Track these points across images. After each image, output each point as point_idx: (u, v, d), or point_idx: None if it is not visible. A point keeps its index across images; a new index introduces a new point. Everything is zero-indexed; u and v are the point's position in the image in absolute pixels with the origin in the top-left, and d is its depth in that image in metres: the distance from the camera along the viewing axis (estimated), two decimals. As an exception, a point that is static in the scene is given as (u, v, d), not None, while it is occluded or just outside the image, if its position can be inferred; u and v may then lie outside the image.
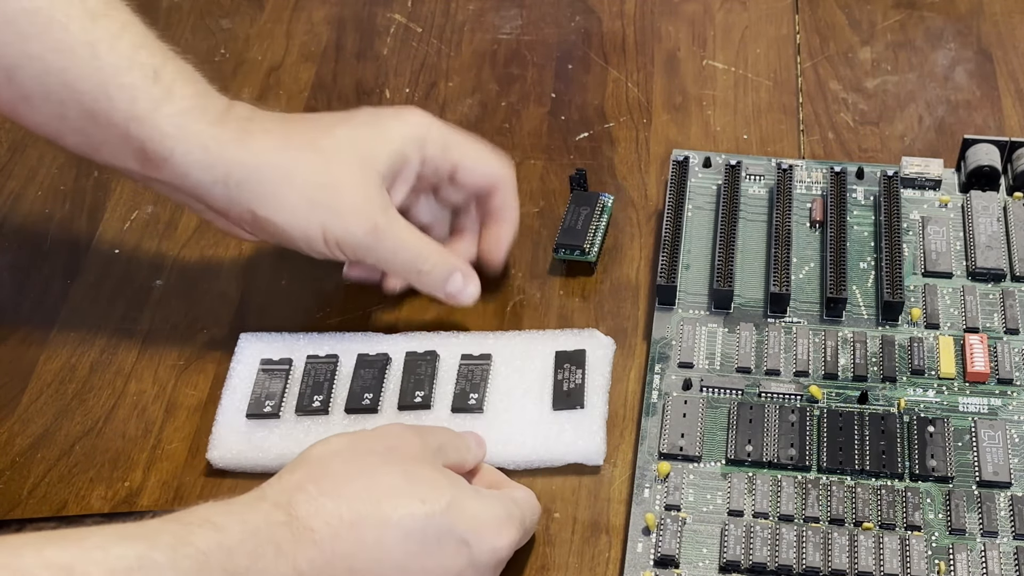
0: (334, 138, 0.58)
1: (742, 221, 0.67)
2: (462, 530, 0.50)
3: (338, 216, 0.58)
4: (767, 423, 0.59)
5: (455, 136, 0.62)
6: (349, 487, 0.49)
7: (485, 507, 0.51)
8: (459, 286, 0.61)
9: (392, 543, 0.48)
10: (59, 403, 0.63)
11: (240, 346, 0.64)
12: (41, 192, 0.73)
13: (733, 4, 0.83)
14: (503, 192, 0.63)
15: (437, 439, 0.54)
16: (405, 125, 0.60)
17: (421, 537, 0.49)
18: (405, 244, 0.60)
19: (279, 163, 0.57)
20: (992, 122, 0.75)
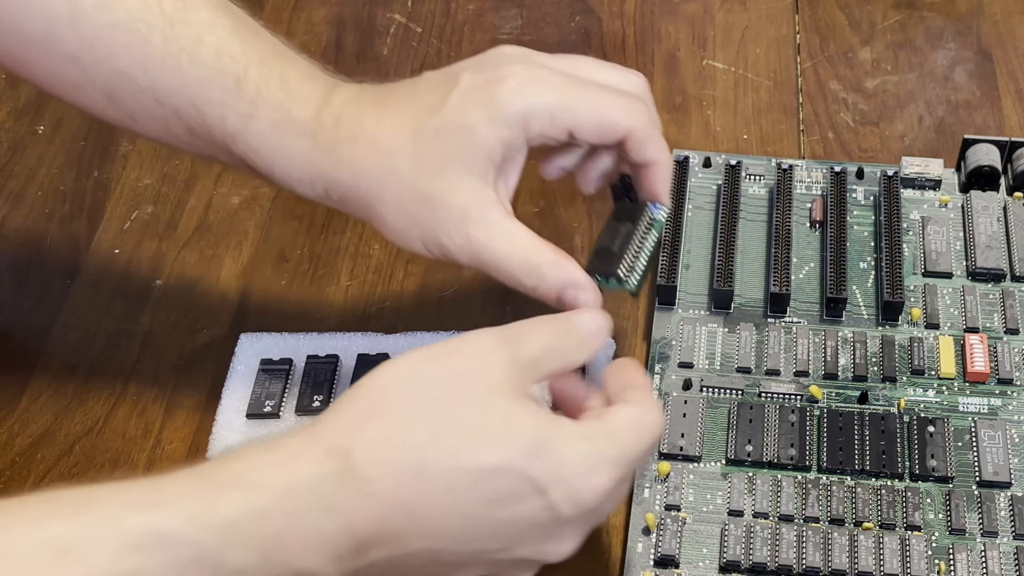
0: (423, 140, 0.52)
1: (742, 221, 0.67)
2: (541, 478, 0.43)
3: (433, 232, 0.52)
4: (767, 423, 0.59)
5: (564, 92, 0.52)
6: (413, 426, 0.43)
7: (570, 448, 0.44)
8: (572, 300, 0.52)
9: (460, 493, 0.43)
10: (59, 403, 0.63)
11: (240, 346, 0.64)
12: (41, 192, 0.73)
13: (733, 4, 0.83)
14: (635, 139, 0.54)
15: (533, 348, 0.47)
16: (503, 101, 0.51)
17: (492, 486, 0.43)
18: (506, 252, 0.52)
19: (372, 181, 0.52)
20: (992, 122, 0.75)
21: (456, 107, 0.51)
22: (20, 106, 0.78)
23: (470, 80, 0.52)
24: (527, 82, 0.52)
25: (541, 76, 0.52)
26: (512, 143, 0.52)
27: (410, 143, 0.52)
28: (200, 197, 0.73)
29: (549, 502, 0.44)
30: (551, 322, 0.48)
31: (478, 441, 0.43)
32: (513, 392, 0.45)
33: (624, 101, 0.53)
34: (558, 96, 0.52)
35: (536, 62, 0.53)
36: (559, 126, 0.52)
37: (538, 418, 0.45)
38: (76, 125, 0.77)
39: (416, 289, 0.68)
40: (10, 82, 0.80)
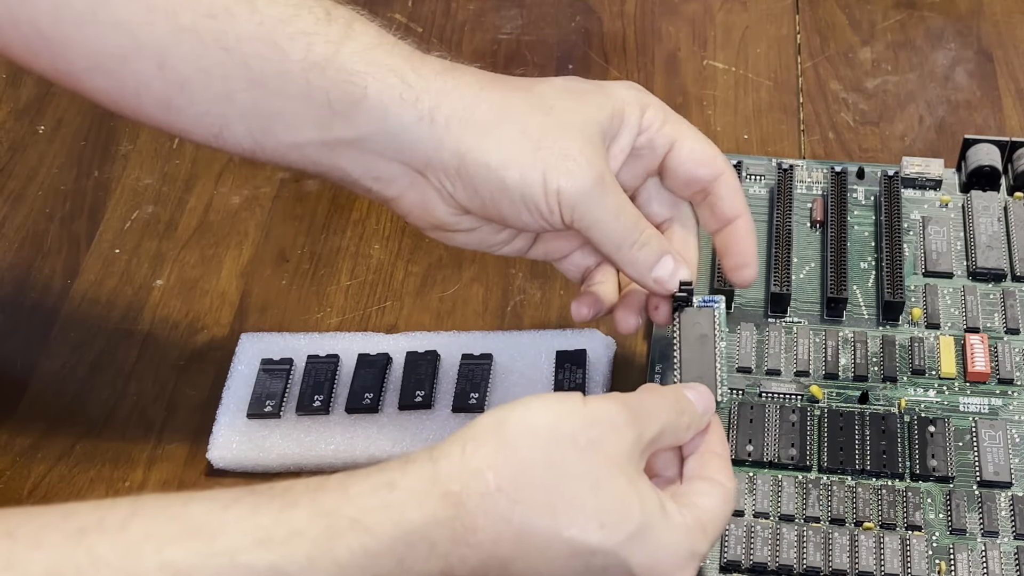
0: (551, 84, 0.50)
1: (742, 221, 0.67)
2: (638, 566, 0.44)
3: (565, 159, 0.48)
4: (768, 423, 0.59)
5: (676, 114, 0.53)
6: (530, 486, 0.42)
7: (671, 542, 0.44)
8: (669, 270, 0.52)
9: (557, 560, 0.43)
10: (59, 403, 0.63)
11: (241, 346, 0.64)
12: (41, 192, 0.73)
13: (733, 4, 0.83)
14: (727, 183, 0.53)
15: (656, 425, 0.46)
16: (625, 89, 0.51)
17: (589, 562, 0.43)
18: (627, 207, 0.50)
19: (495, 98, 0.49)
20: (992, 122, 0.75)
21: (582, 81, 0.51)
22: (20, 106, 0.78)
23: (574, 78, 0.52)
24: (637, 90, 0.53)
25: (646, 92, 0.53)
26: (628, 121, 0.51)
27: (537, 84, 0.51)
28: (200, 197, 0.73)
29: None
30: (669, 400, 0.48)
31: (587, 516, 0.43)
32: (632, 470, 0.44)
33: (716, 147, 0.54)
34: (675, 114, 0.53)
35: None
36: (666, 134, 0.52)
37: (647, 503, 0.44)
38: (76, 125, 0.77)
39: (416, 289, 0.68)
40: (10, 82, 0.80)
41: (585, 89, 0.51)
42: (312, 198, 0.72)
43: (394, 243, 0.70)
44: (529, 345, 0.63)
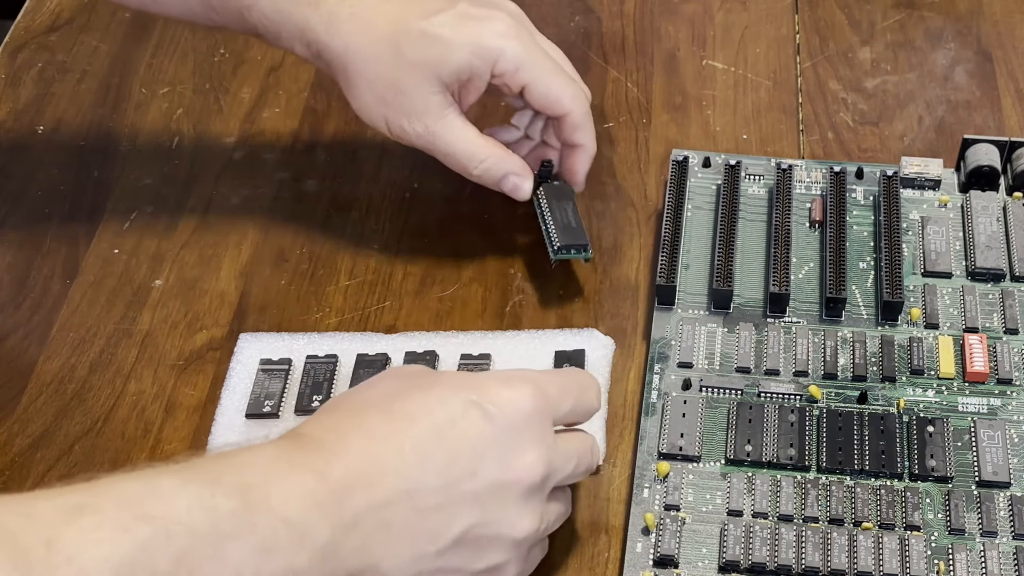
0: (410, 36, 0.61)
1: (742, 221, 0.67)
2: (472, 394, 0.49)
3: (398, 115, 0.62)
4: (766, 423, 0.59)
5: (533, 56, 0.63)
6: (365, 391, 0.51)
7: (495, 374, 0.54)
8: (512, 185, 0.65)
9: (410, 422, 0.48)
10: (59, 403, 0.63)
11: (240, 346, 0.64)
12: (41, 192, 0.73)
13: (733, 4, 0.83)
14: (571, 121, 0.64)
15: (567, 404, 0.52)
16: (483, 35, 0.62)
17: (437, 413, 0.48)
18: (457, 146, 0.63)
19: (358, 57, 0.61)
20: (992, 122, 0.75)
21: (444, 22, 0.61)
22: (20, 106, 0.78)
23: (465, 8, 0.62)
24: (508, 31, 0.62)
25: (520, 33, 0.63)
26: (477, 72, 0.62)
27: (398, 35, 0.61)
28: (200, 197, 0.73)
29: (482, 411, 0.48)
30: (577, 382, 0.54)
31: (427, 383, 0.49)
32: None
33: (575, 88, 0.65)
34: (528, 56, 0.62)
35: (524, 24, 0.64)
36: (518, 79, 0.63)
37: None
38: (76, 125, 0.77)
39: (416, 289, 0.68)
40: (10, 82, 0.80)
41: (443, 41, 0.61)
42: (312, 198, 0.72)
43: (393, 243, 0.70)
44: (528, 345, 0.63)
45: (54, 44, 0.82)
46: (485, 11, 0.62)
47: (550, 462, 0.49)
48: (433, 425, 0.48)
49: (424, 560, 0.47)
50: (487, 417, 0.48)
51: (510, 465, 0.48)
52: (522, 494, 0.49)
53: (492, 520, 0.48)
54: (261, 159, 0.75)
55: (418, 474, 0.47)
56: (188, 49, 0.82)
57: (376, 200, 0.72)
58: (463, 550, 0.48)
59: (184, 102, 0.78)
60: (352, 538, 0.45)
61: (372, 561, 0.46)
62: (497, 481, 0.48)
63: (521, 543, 0.50)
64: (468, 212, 0.71)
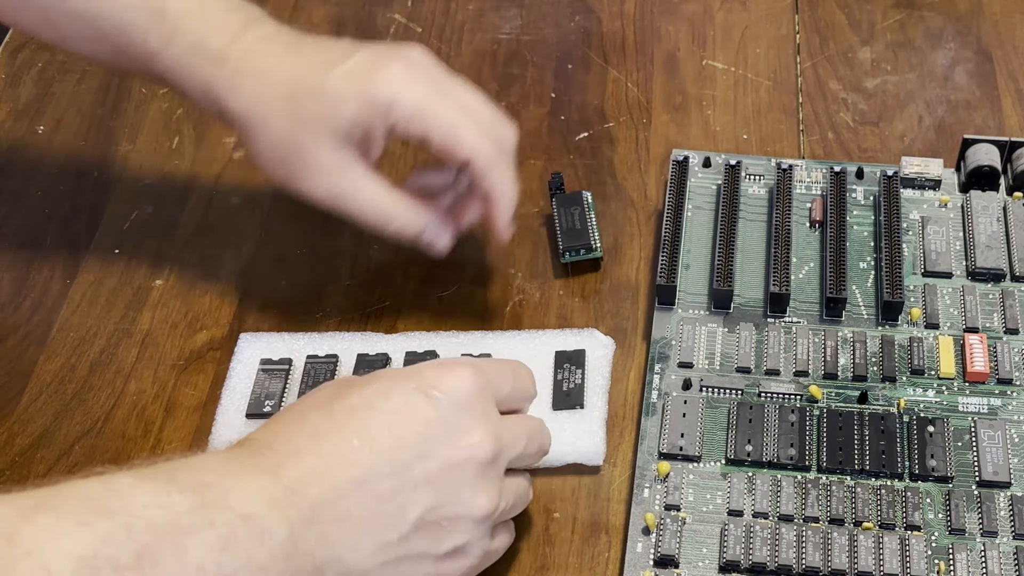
0: (306, 93, 0.58)
1: (742, 221, 0.67)
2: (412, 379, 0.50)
3: (300, 178, 0.59)
4: (767, 423, 0.59)
5: (428, 102, 0.58)
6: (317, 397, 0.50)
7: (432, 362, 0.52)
8: (427, 243, 0.62)
9: (356, 415, 0.48)
10: (59, 403, 0.63)
11: (240, 346, 0.64)
12: (41, 192, 0.73)
13: (733, 4, 0.83)
14: (475, 168, 0.59)
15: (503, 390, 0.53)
16: (374, 85, 0.58)
17: (382, 406, 0.49)
18: (365, 206, 0.60)
19: (257, 116, 0.59)
20: (992, 122, 0.75)
21: (339, 75, 0.58)
22: (20, 106, 0.78)
23: (363, 58, 0.59)
24: (403, 78, 0.58)
25: (418, 79, 0.59)
26: (371, 124, 0.58)
27: (295, 93, 0.58)
28: (200, 197, 0.73)
29: (425, 396, 0.49)
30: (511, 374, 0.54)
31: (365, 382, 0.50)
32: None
33: (476, 130, 0.59)
34: (423, 101, 0.58)
35: (425, 69, 0.60)
36: (415, 128, 0.58)
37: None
38: (76, 125, 0.77)
39: (416, 289, 0.68)
40: (10, 82, 0.80)
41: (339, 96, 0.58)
42: (312, 198, 0.72)
43: (393, 243, 0.70)
44: (528, 345, 0.63)
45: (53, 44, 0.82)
46: (381, 60, 0.59)
47: (498, 438, 0.50)
48: (377, 415, 0.48)
49: (387, 549, 0.47)
50: (430, 401, 0.49)
51: (459, 444, 0.49)
52: (475, 472, 0.49)
53: (448, 501, 0.48)
54: (261, 159, 0.75)
55: (369, 463, 0.47)
56: (188, 49, 0.81)
57: (376, 200, 0.72)
58: (424, 534, 0.48)
59: (184, 102, 0.78)
60: (311, 532, 0.45)
61: (336, 553, 0.46)
62: (448, 461, 0.48)
63: (481, 521, 0.50)
64: (468, 212, 0.71)
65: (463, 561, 0.50)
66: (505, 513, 0.52)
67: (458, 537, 0.49)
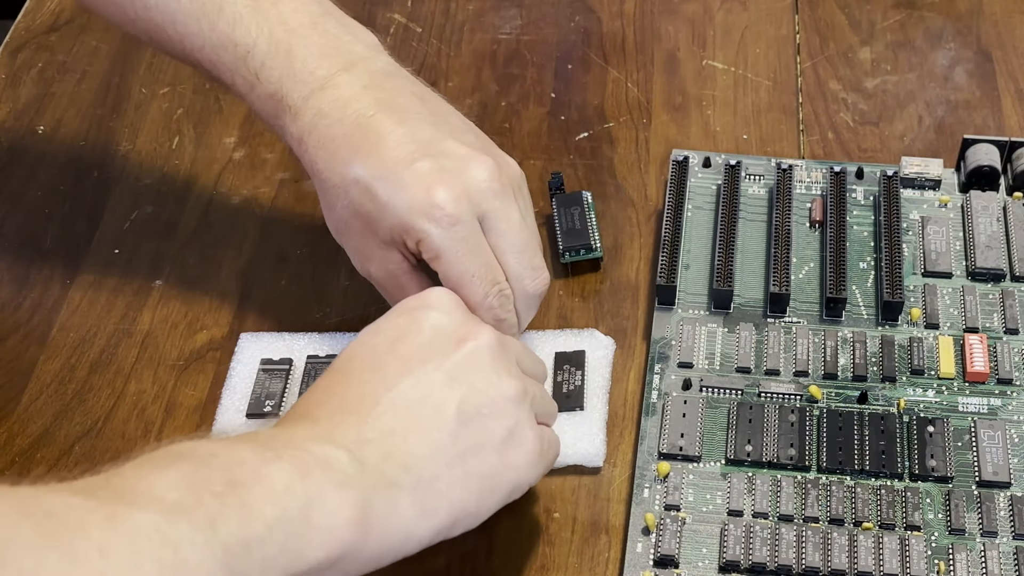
0: (358, 184, 0.56)
1: (742, 221, 0.67)
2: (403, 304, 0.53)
3: (353, 255, 0.59)
4: (767, 423, 0.59)
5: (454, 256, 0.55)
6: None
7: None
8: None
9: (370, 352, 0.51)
10: (59, 403, 0.63)
11: (240, 346, 0.64)
12: (41, 192, 0.73)
13: (733, 4, 0.83)
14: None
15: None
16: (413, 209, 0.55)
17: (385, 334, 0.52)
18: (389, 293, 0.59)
19: (320, 184, 0.58)
20: (992, 122, 0.75)
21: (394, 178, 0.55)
22: (20, 106, 0.78)
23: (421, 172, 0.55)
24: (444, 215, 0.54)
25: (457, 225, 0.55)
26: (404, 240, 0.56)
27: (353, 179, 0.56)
28: (200, 197, 0.73)
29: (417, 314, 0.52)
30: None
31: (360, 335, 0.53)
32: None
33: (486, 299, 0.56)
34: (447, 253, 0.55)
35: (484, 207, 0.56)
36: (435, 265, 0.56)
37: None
38: (76, 125, 0.77)
39: (416, 289, 0.68)
40: (10, 82, 0.80)
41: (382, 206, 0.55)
42: (312, 198, 0.72)
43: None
44: (528, 345, 0.63)
45: (54, 44, 0.82)
46: (437, 180, 0.55)
47: (492, 329, 0.52)
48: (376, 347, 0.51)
49: (444, 449, 0.48)
50: (421, 315, 0.52)
51: (462, 339, 0.51)
52: (488, 357, 0.51)
53: (476, 388, 0.50)
54: (261, 159, 0.75)
55: (385, 382, 0.49)
56: (188, 49, 0.82)
57: (376, 200, 0.72)
58: (470, 427, 0.49)
59: (184, 102, 0.78)
60: (370, 451, 0.47)
61: (401, 464, 0.47)
62: (457, 355, 0.50)
63: (516, 401, 0.51)
64: (468, 212, 0.71)
65: (523, 447, 0.50)
66: (536, 401, 0.53)
67: (504, 421, 0.50)
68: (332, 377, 0.51)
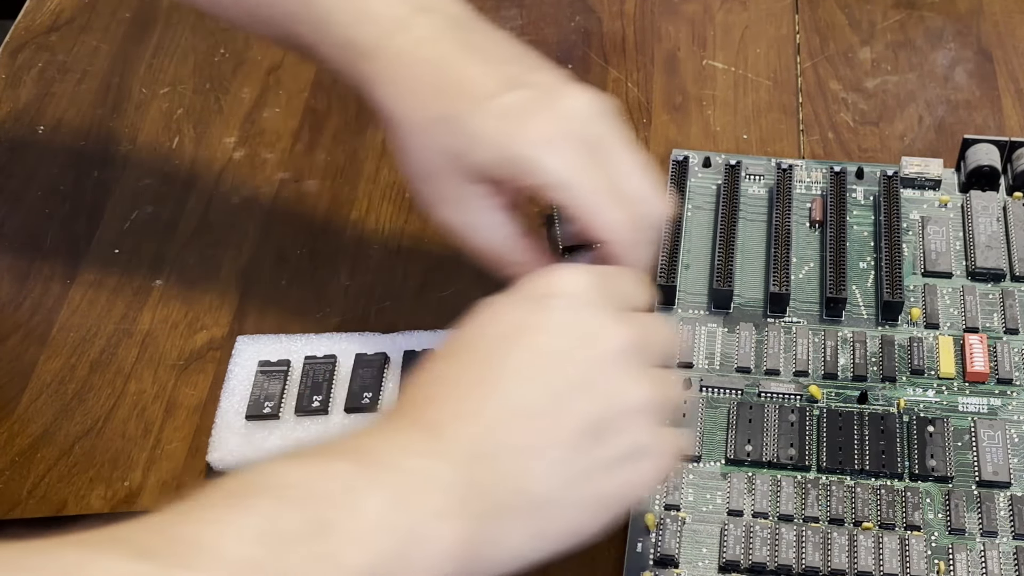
0: (446, 121, 0.53)
1: (742, 221, 0.67)
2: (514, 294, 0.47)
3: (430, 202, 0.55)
4: (767, 423, 0.59)
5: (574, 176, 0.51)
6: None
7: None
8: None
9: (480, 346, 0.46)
10: (59, 403, 0.63)
11: (237, 348, 0.64)
12: (41, 192, 0.73)
13: (733, 4, 0.83)
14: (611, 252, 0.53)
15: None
16: (518, 140, 0.52)
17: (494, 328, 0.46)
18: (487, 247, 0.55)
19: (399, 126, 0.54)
20: (992, 122, 0.75)
21: (485, 114, 0.52)
22: (20, 106, 0.78)
23: (518, 99, 0.52)
24: (554, 140, 0.51)
25: (569, 142, 0.52)
26: (505, 178, 0.52)
27: (438, 116, 0.53)
28: (200, 197, 0.73)
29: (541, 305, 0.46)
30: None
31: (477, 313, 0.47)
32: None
33: (618, 213, 0.52)
34: (566, 173, 0.51)
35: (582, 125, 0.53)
36: (552, 197, 0.53)
37: None
38: (76, 125, 0.77)
39: (416, 289, 0.68)
40: (10, 82, 0.80)
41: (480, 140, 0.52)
42: (312, 198, 0.72)
43: (394, 243, 0.70)
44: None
45: (54, 44, 0.82)
46: (536, 107, 0.52)
47: (628, 324, 0.46)
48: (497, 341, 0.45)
49: (564, 465, 0.43)
50: (546, 308, 0.46)
51: (591, 340, 0.45)
52: (621, 364, 0.45)
53: (602, 398, 0.45)
54: (261, 159, 0.75)
55: (506, 387, 0.44)
56: (188, 49, 0.82)
57: (376, 200, 0.72)
58: (594, 441, 0.44)
59: (184, 102, 0.78)
60: (480, 469, 0.42)
61: (515, 485, 0.43)
62: (586, 359, 0.45)
63: (645, 411, 0.45)
64: (468, 212, 0.71)
65: (646, 463, 0.46)
66: (664, 405, 0.47)
67: (631, 434, 0.45)
68: (442, 367, 0.45)
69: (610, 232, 0.52)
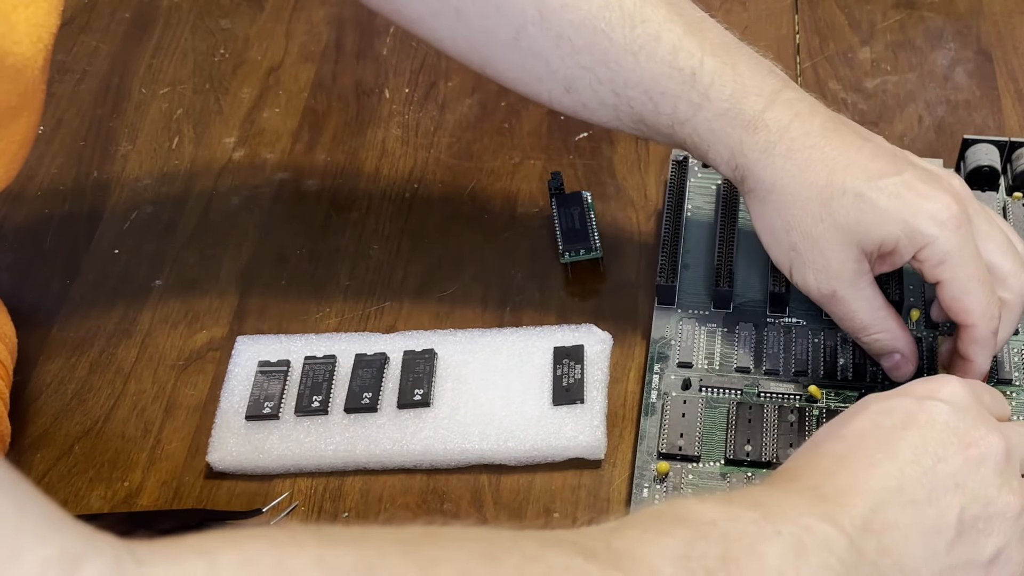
0: (845, 195, 0.56)
1: (742, 221, 0.67)
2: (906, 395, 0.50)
3: (806, 268, 0.58)
4: (766, 423, 0.59)
5: (961, 255, 0.56)
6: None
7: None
8: (892, 364, 0.60)
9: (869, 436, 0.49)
10: (59, 403, 0.63)
11: (237, 349, 0.64)
12: (41, 192, 0.73)
13: (733, 4, 0.83)
14: (970, 335, 0.57)
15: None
16: (920, 217, 0.55)
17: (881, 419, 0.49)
18: (858, 315, 0.59)
19: (783, 195, 0.57)
20: (992, 122, 0.75)
21: (885, 190, 0.55)
22: (20, 106, 0.78)
23: (910, 179, 0.56)
24: (949, 222, 0.55)
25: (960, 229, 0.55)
26: (901, 250, 0.56)
27: (832, 190, 0.56)
28: (200, 197, 0.73)
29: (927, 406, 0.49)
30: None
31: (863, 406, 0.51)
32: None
33: (988, 303, 0.56)
34: (956, 253, 0.55)
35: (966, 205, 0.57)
36: (936, 273, 0.56)
37: None
38: (76, 125, 0.77)
39: (416, 289, 0.68)
40: (10, 82, 0.80)
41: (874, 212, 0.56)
42: (312, 198, 0.73)
43: (393, 243, 0.70)
44: (526, 342, 0.63)
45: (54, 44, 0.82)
46: (930, 188, 0.56)
47: (1004, 435, 0.49)
48: (888, 431, 0.49)
49: (938, 557, 0.47)
50: (932, 409, 0.49)
51: (970, 444, 0.49)
52: (993, 470, 0.49)
53: (977, 500, 0.48)
54: (261, 159, 0.75)
55: (897, 471, 0.47)
56: (188, 49, 0.82)
57: (376, 200, 0.72)
58: (965, 539, 0.48)
59: (184, 102, 0.78)
60: (869, 542, 0.45)
61: (895, 561, 0.46)
62: (965, 461, 0.48)
63: (1013, 520, 0.48)
64: (468, 212, 0.71)
65: (1007, 570, 0.49)
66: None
67: (996, 540, 0.48)
68: (837, 447, 0.49)
69: (978, 317, 0.56)
